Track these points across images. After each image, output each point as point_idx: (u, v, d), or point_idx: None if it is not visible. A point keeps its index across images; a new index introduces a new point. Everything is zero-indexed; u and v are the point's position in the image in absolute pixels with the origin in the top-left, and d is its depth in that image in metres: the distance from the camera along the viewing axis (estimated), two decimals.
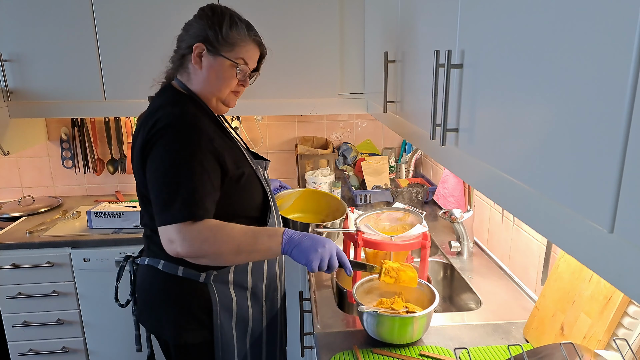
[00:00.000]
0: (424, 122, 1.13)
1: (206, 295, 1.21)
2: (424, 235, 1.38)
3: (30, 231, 2.00)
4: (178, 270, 1.20)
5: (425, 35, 1.10)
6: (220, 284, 1.23)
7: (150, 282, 1.25)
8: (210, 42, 1.16)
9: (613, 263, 0.48)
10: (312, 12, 1.96)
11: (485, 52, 0.76)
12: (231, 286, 1.24)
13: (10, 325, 2.03)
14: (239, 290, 1.26)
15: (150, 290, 1.26)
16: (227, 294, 1.24)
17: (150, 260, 1.24)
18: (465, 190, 1.91)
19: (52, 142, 2.42)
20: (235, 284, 1.25)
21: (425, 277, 1.42)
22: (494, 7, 0.73)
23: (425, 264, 1.41)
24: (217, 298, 1.22)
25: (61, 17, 1.90)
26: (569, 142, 0.54)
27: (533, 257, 1.41)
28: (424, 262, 1.41)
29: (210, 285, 1.21)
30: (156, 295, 1.24)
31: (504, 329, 1.24)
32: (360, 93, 2.10)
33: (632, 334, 0.95)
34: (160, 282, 1.23)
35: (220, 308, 1.23)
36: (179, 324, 1.22)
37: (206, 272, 1.20)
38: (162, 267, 1.21)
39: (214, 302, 1.22)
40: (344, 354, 1.14)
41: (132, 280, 1.32)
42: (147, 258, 1.25)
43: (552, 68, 0.57)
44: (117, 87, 1.99)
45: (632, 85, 0.43)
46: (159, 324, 1.25)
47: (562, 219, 0.56)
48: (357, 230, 1.38)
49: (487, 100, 0.76)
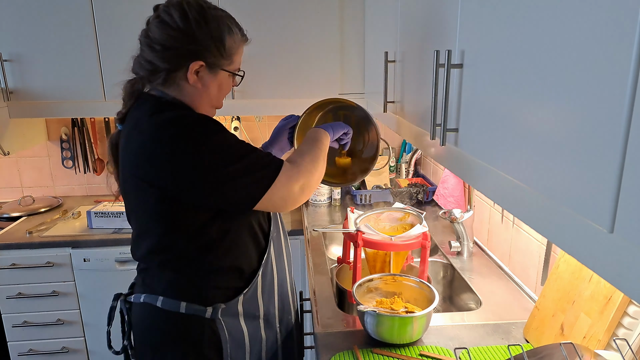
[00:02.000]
0: (424, 122, 1.13)
1: (215, 331, 1.08)
2: (424, 235, 1.38)
3: (30, 231, 2.01)
4: (180, 307, 1.06)
5: (425, 35, 1.10)
6: (229, 318, 1.09)
7: (149, 322, 1.10)
8: (209, 58, 1.03)
9: (613, 263, 0.48)
10: (312, 12, 1.96)
11: (485, 52, 0.76)
12: (241, 318, 1.12)
13: (10, 325, 2.03)
14: (250, 320, 1.14)
15: (150, 332, 1.11)
16: (238, 327, 1.11)
17: (146, 297, 1.09)
18: (465, 190, 1.91)
19: (52, 142, 2.42)
20: (245, 315, 1.12)
21: (425, 277, 1.43)
22: (493, 7, 0.73)
23: (425, 264, 1.41)
24: (227, 334, 1.09)
25: (61, 17, 1.90)
26: (569, 141, 0.54)
27: (533, 257, 1.41)
28: (424, 262, 1.41)
29: (219, 320, 1.08)
30: (157, 336, 1.10)
31: (504, 329, 1.24)
32: (360, 93, 2.10)
33: (632, 334, 0.95)
34: (161, 321, 1.08)
35: (231, 344, 1.10)
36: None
37: (213, 306, 1.07)
38: (162, 304, 1.07)
39: (223, 338, 1.09)
40: (344, 354, 1.14)
41: (127, 321, 1.17)
42: (142, 295, 1.11)
43: (552, 68, 0.57)
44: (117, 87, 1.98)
45: (632, 85, 0.43)
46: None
47: (562, 219, 0.56)
48: (357, 231, 1.38)
49: (487, 100, 0.76)
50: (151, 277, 1.11)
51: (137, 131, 1.01)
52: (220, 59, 1.05)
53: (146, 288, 1.11)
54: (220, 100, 1.13)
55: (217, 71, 1.06)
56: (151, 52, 1.03)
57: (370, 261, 1.47)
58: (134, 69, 1.09)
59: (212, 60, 1.04)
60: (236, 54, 1.09)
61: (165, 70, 1.03)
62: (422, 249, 1.40)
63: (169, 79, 1.04)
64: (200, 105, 1.09)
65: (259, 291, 1.15)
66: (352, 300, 1.25)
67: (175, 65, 1.02)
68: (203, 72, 1.04)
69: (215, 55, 1.04)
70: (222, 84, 1.09)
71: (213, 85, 1.07)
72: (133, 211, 1.09)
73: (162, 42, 1.01)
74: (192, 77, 1.03)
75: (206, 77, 1.05)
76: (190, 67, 1.02)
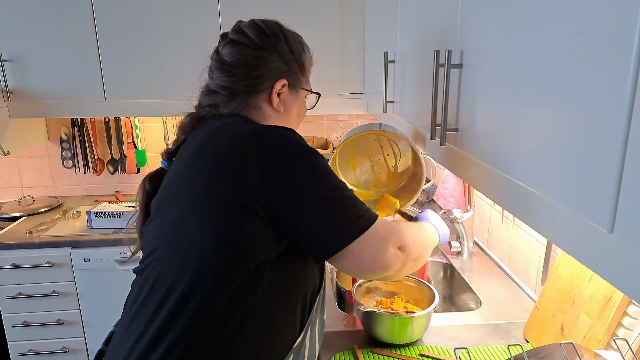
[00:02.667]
0: (424, 122, 1.13)
1: None
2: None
3: (30, 231, 2.01)
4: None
5: (425, 35, 1.10)
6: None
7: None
8: (291, 76, 0.95)
9: (613, 263, 0.48)
10: (312, 12, 1.96)
11: (485, 52, 0.76)
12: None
13: (10, 325, 2.03)
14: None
15: None
16: None
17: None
18: (465, 190, 1.91)
19: (52, 142, 2.42)
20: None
21: (425, 277, 1.42)
22: (493, 7, 0.73)
23: (424, 265, 1.41)
24: None
25: (61, 17, 1.90)
26: (569, 141, 0.54)
27: (533, 257, 1.41)
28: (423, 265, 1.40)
29: None
30: None
31: (504, 329, 1.24)
32: (360, 93, 2.10)
33: (632, 334, 0.95)
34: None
35: None
36: None
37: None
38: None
39: None
40: (344, 354, 1.14)
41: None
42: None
43: (551, 67, 0.57)
44: (117, 87, 1.99)
45: (632, 85, 0.43)
46: None
47: (562, 219, 0.56)
48: None
49: (487, 100, 0.76)
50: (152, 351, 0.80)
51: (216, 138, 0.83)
52: (300, 76, 0.97)
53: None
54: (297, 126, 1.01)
55: (298, 91, 0.97)
56: (229, 77, 0.92)
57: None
58: (203, 101, 0.95)
59: (293, 78, 0.96)
60: (310, 72, 1.01)
61: (244, 94, 0.91)
62: None
63: (248, 105, 0.92)
64: None
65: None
66: (352, 300, 1.25)
67: (259, 87, 0.92)
68: (285, 93, 0.95)
69: (296, 72, 0.96)
70: (301, 108, 1.00)
71: (294, 109, 0.98)
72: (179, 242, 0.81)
73: (243, 64, 0.91)
74: (276, 99, 0.93)
75: (288, 99, 0.96)
76: (274, 88, 0.92)
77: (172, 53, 1.95)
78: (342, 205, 0.80)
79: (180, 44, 1.94)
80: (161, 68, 1.97)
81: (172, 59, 1.96)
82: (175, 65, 1.95)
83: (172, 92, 1.98)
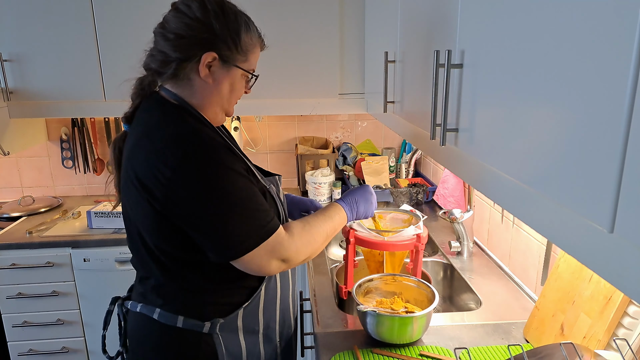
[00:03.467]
0: (424, 122, 1.12)
1: (211, 347, 1.05)
2: (418, 237, 1.34)
3: (30, 231, 2.01)
4: (177, 321, 1.03)
5: (425, 35, 1.10)
6: (227, 333, 1.06)
7: (144, 333, 1.08)
8: (223, 50, 0.99)
9: (613, 263, 0.48)
10: (312, 12, 1.96)
11: (485, 52, 0.76)
12: (240, 332, 1.08)
13: (10, 325, 2.03)
14: (249, 335, 1.10)
15: (145, 343, 1.08)
16: (236, 342, 1.08)
17: (143, 307, 1.06)
18: (465, 190, 1.91)
19: (52, 142, 2.42)
20: (245, 330, 1.09)
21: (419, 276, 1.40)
22: (493, 7, 0.73)
23: (417, 267, 1.38)
24: (224, 349, 1.06)
25: (61, 17, 1.90)
26: (569, 141, 0.54)
27: (533, 257, 1.41)
28: (416, 265, 1.37)
29: (216, 335, 1.05)
30: (151, 349, 1.07)
31: (504, 329, 1.24)
32: (360, 93, 2.10)
33: (632, 334, 0.95)
34: (156, 334, 1.05)
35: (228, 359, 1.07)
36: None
37: (211, 321, 1.04)
38: (158, 316, 1.04)
39: (220, 354, 1.05)
40: (344, 354, 1.14)
41: (122, 328, 1.15)
42: (139, 304, 1.07)
43: (552, 67, 0.57)
44: (117, 87, 1.98)
45: (632, 85, 0.43)
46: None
47: (562, 219, 0.56)
48: (349, 228, 1.37)
49: (487, 100, 0.76)
50: (150, 287, 1.07)
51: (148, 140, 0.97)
52: (235, 53, 1.01)
53: (144, 298, 1.08)
54: (232, 104, 1.08)
55: (230, 67, 1.01)
56: (165, 42, 0.99)
57: (367, 260, 1.46)
58: (145, 62, 1.05)
59: (226, 53, 0.99)
60: (252, 53, 1.05)
61: (176, 60, 0.98)
62: (415, 252, 1.37)
63: (180, 71, 1.00)
64: (210, 107, 1.04)
65: (261, 306, 1.10)
66: (344, 295, 1.23)
67: (187, 55, 0.98)
68: (215, 67, 1.00)
69: (230, 48, 0.99)
70: (234, 84, 1.04)
71: (225, 83, 1.02)
72: (130, 217, 1.05)
73: (177, 30, 0.98)
74: (204, 70, 0.98)
75: (218, 72, 1.00)
76: (202, 58, 0.97)
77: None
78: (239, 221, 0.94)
79: None
80: None
81: None
82: None
83: None
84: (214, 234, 0.95)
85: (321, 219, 1.11)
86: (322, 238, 1.09)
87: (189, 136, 0.95)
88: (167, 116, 1.00)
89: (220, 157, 0.94)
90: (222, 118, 1.09)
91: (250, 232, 0.95)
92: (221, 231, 0.94)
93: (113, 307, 1.17)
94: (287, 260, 1.01)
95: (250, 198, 0.97)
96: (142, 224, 1.01)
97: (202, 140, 0.94)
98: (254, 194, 0.98)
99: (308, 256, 1.06)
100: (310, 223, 1.08)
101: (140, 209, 0.99)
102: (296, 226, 1.05)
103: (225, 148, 0.97)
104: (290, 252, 1.01)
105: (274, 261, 0.99)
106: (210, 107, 1.05)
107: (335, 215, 1.15)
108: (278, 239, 0.99)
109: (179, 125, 0.97)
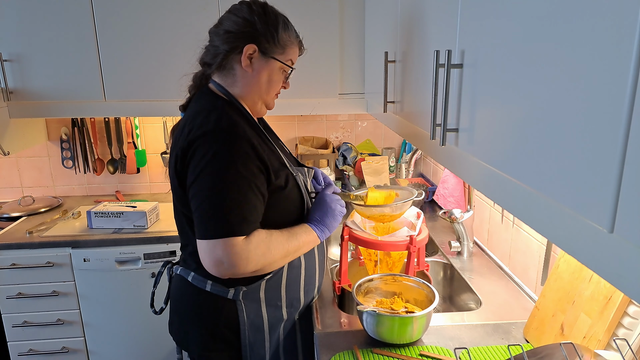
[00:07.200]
0: (424, 122, 1.13)
1: (233, 313, 1.15)
2: (411, 239, 1.32)
3: (30, 231, 2.01)
4: (206, 285, 1.15)
5: (425, 35, 1.10)
6: (250, 302, 1.16)
7: (180, 293, 1.22)
8: (263, 44, 1.12)
9: (613, 263, 0.48)
10: (312, 12, 1.96)
11: (485, 52, 0.76)
12: (263, 304, 1.18)
13: (10, 325, 2.03)
14: (272, 310, 1.20)
15: (181, 302, 1.22)
16: (259, 312, 1.18)
17: (182, 271, 1.21)
18: (465, 190, 1.91)
19: (52, 142, 2.42)
20: (267, 303, 1.19)
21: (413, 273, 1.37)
22: (493, 7, 0.73)
23: (410, 266, 1.35)
24: (246, 317, 1.16)
25: (61, 17, 1.90)
26: (569, 141, 0.54)
27: (533, 257, 1.41)
28: (409, 266, 1.35)
29: (239, 302, 1.15)
30: (185, 308, 1.21)
31: (504, 329, 1.24)
32: (360, 93, 2.10)
33: (632, 334, 0.95)
34: (189, 295, 1.19)
35: (250, 328, 1.17)
36: (205, 343, 1.17)
37: (235, 287, 1.14)
38: (192, 279, 1.17)
39: (242, 321, 1.16)
40: (344, 354, 1.14)
41: (168, 287, 1.29)
42: (180, 268, 1.22)
43: (552, 67, 0.57)
44: (117, 87, 1.99)
45: (632, 85, 0.43)
46: (185, 337, 1.22)
47: (562, 219, 0.56)
48: (344, 226, 1.37)
49: (487, 100, 0.76)
50: (188, 253, 1.19)
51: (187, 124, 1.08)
52: (273, 47, 1.13)
53: (184, 262, 1.22)
54: (271, 96, 1.19)
55: (268, 59, 1.14)
56: (216, 37, 1.15)
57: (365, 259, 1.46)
58: (200, 57, 1.19)
59: (265, 46, 1.12)
60: (290, 48, 1.17)
61: (223, 52, 1.13)
62: (408, 254, 1.34)
63: (226, 62, 1.14)
64: (249, 96, 1.16)
65: (283, 282, 1.19)
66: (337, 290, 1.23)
67: (232, 46, 1.12)
68: (256, 58, 1.13)
69: (269, 41, 1.13)
70: (272, 75, 1.16)
71: (263, 73, 1.14)
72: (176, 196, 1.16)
73: (227, 27, 1.13)
74: (245, 60, 1.12)
75: (258, 63, 1.13)
76: (245, 49, 1.11)
77: (172, 53, 1.95)
78: (222, 205, 1.02)
79: (181, 44, 1.94)
80: (161, 68, 1.97)
81: (172, 59, 1.95)
82: (175, 65, 1.95)
83: (172, 92, 1.97)
84: (196, 211, 1.05)
85: (286, 235, 1.14)
86: (280, 254, 1.11)
87: (219, 122, 1.05)
88: (206, 106, 1.10)
89: (236, 151, 1.03)
90: (261, 109, 1.20)
91: (217, 224, 1.02)
92: (201, 210, 1.03)
93: (163, 270, 1.32)
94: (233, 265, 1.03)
95: (239, 198, 1.03)
96: (176, 194, 1.14)
97: (225, 129, 1.04)
98: (245, 197, 1.04)
99: (260, 268, 1.08)
100: (272, 236, 1.10)
101: (176, 180, 1.11)
102: (258, 235, 1.07)
103: (249, 143, 1.05)
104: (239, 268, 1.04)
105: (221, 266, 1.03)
106: (249, 96, 1.17)
107: (302, 234, 1.17)
108: (235, 242, 1.02)
109: (212, 114, 1.07)
